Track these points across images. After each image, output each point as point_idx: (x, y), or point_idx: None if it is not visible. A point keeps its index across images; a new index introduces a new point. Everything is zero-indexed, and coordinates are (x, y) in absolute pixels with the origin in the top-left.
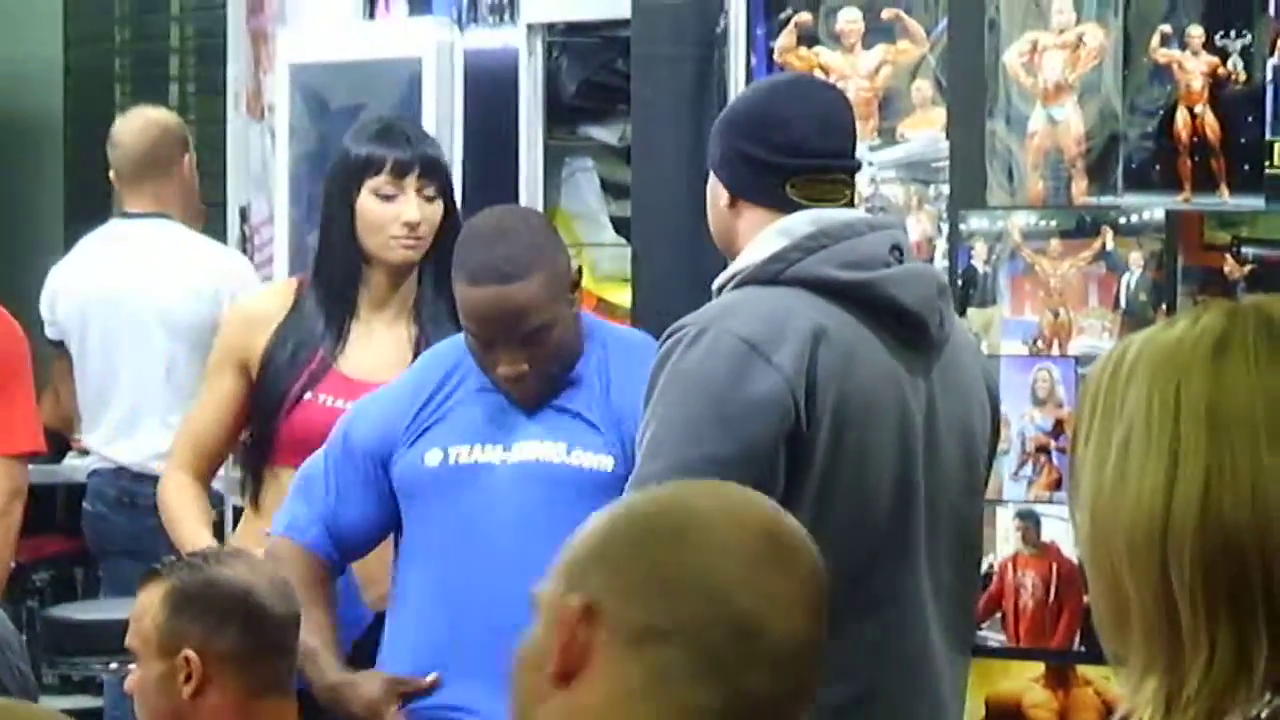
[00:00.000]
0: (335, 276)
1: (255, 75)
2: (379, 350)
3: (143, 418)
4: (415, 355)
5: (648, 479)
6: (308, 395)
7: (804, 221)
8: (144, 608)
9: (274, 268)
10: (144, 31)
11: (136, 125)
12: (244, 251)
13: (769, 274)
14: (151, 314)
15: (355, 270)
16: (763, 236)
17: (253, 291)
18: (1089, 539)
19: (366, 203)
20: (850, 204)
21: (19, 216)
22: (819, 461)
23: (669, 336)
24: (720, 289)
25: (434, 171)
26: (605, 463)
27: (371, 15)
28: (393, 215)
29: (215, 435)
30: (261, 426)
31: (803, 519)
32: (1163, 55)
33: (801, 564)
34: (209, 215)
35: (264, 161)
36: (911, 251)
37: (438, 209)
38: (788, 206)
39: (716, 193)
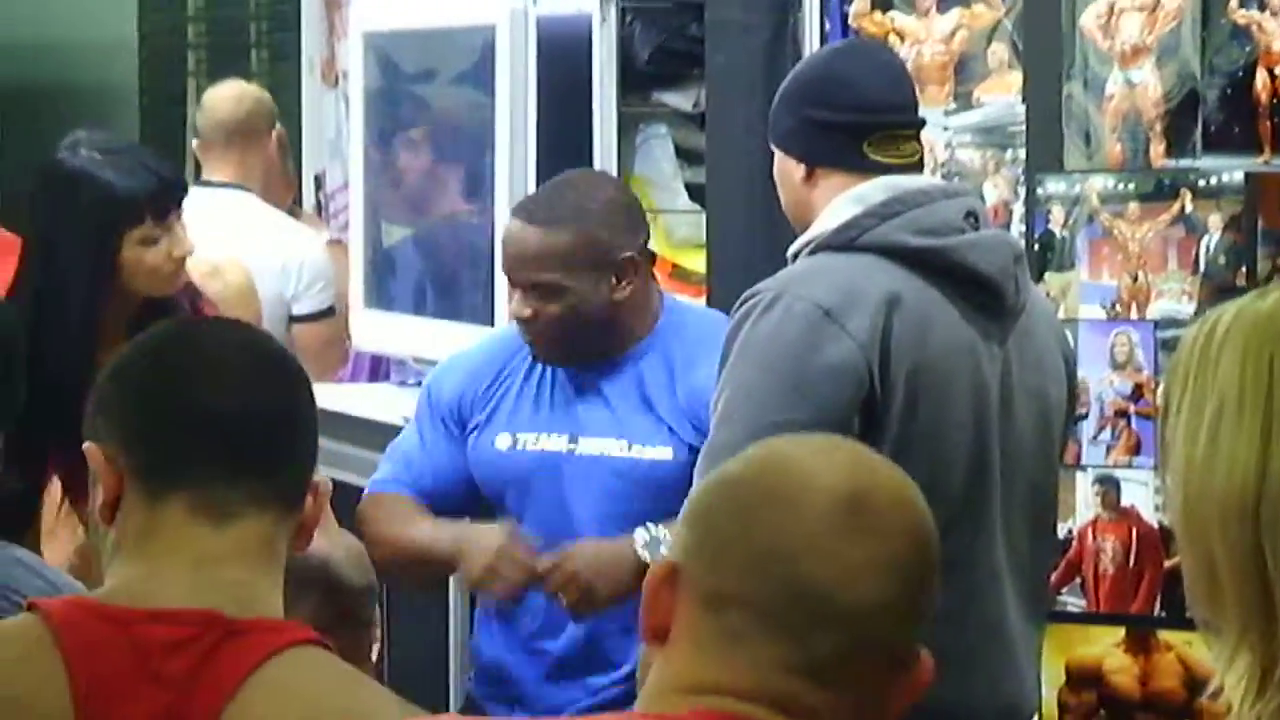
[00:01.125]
0: (72, 318)
1: (329, 42)
2: None
3: None
4: None
5: (721, 446)
6: None
7: (878, 188)
8: None
9: (349, 234)
10: (219, 0)
11: (230, 93)
12: (319, 218)
13: (843, 240)
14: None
15: (99, 308)
16: (836, 203)
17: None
18: (1181, 510)
19: (134, 254)
20: (922, 161)
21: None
22: (893, 429)
23: (743, 303)
24: (795, 256)
25: (183, 191)
26: (664, 453)
27: None
28: (164, 256)
29: None
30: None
31: None
32: (1241, 16)
33: (880, 527)
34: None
35: (338, 128)
36: (987, 218)
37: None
38: (867, 166)
39: (787, 169)
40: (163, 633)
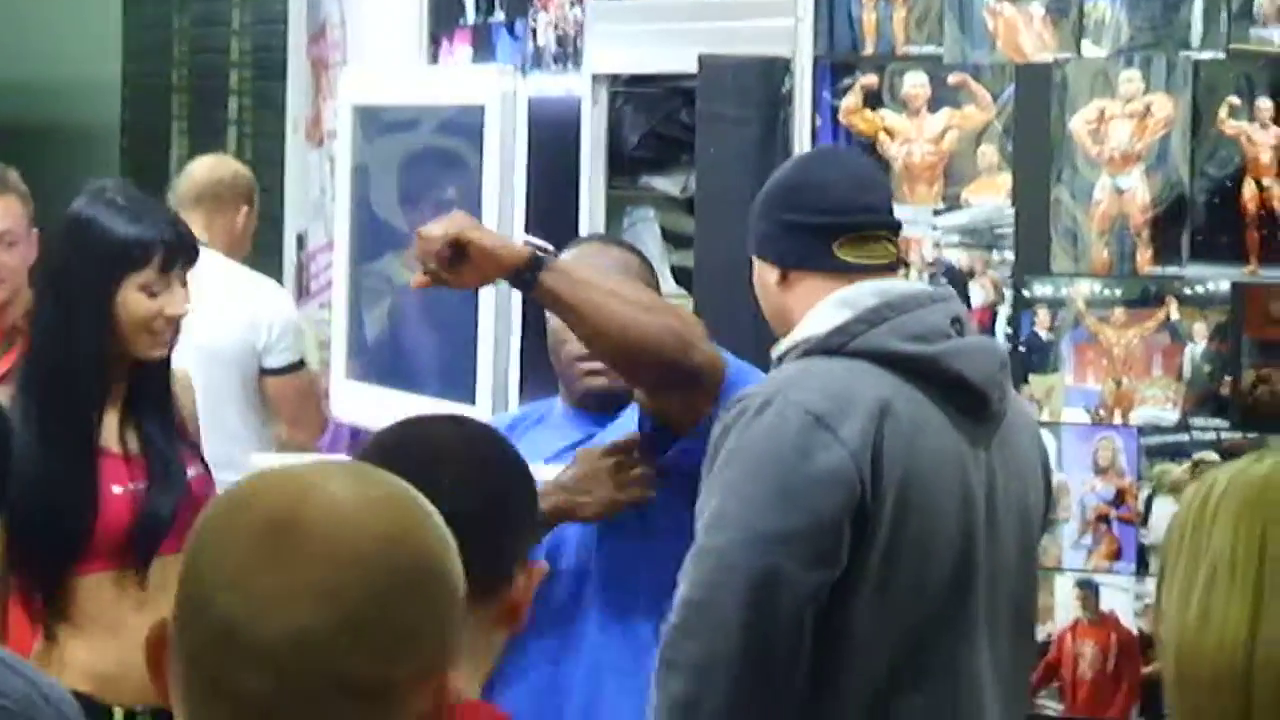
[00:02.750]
0: (82, 372)
1: (315, 102)
2: (113, 432)
3: None
4: (137, 436)
5: (710, 552)
6: (116, 489)
7: (866, 293)
8: None
9: (329, 295)
10: (203, 45)
11: (210, 162)
12: (299, 279)
13: (833, 345)
14: (186, 339)
15: (102, 363)
16: (823, 307)
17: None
18: (1173, 679)
19: (131, 298)
20: (896, 262)
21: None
22: (882, 535)
23: (733, 406)
24: (780, 358)
25: (195, 255)
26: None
27: (435, 58)
28: (157, 310)
29: None
30: (58, 535)
31: (864, 591)
32: (1230, 126)
33: (304, 553)
34: (266, 237)
35: (322, 187)
36: (970, 324)
37: (188, 291)
38: (839, 268)
39: (764, 275)
40: None
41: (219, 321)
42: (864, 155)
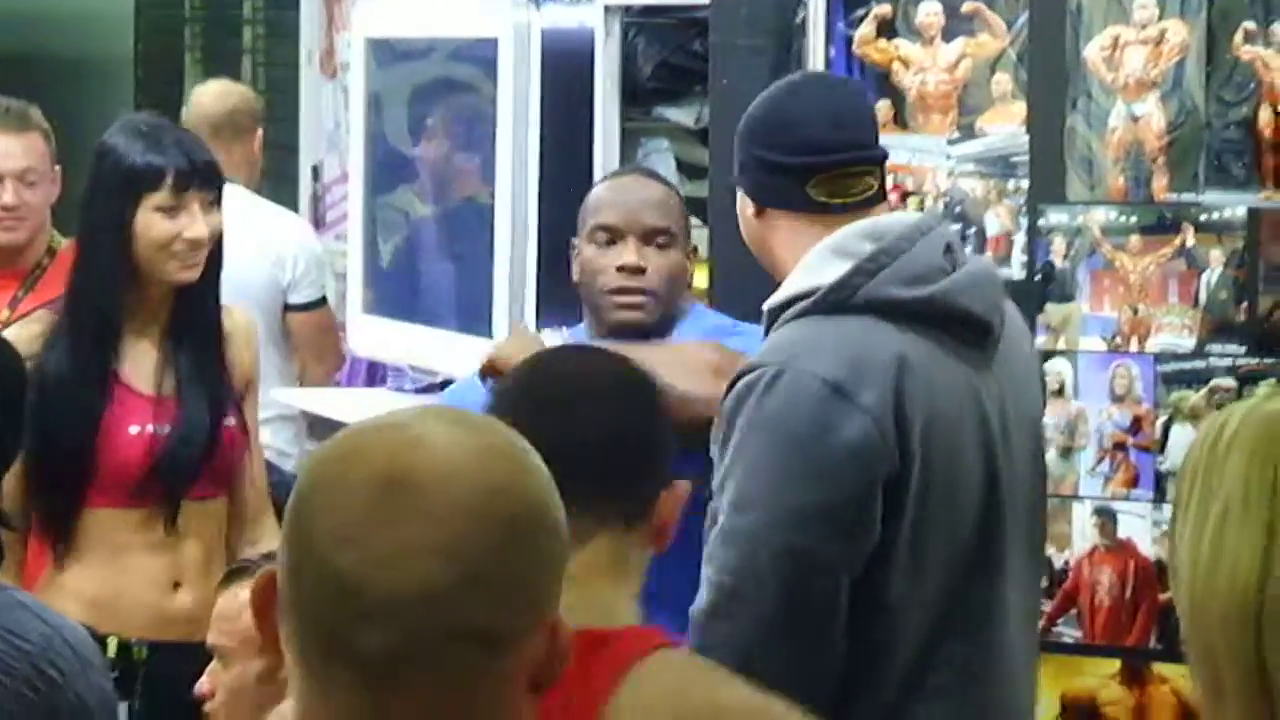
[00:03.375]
0: (101, 297)
1: (328, 34)
2: (148, 373)
3: None
4: (174, 380)
5: (738, 533)
6: (133, 429)
7: (854, 236)
8: (237, 607)
9: (346, 226)
10: None
11: (215, 90)
12: (314, 210)
13: (834, 301)
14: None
15: (121, 289)
16: (816, 257)
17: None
18: (1186, 613)
19: (147, 219)
20: (877, 195)
21: (89, 159)
22: (913, 498)
23: (742, 376)
24: (774, 311)
25: (214, 180)
26: None
27: None
28: (175, 232)
29: None
30: (64, 466)
31: (900, 555)
32: (1246, 52)
33: (421, 508)
34: (280, 168)
35: (336, 120)
36: (961, 248)
37: (219, 219)
38: (813, 208)
39: (743, 204)
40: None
41: (244, 257)
42: (848, 84)
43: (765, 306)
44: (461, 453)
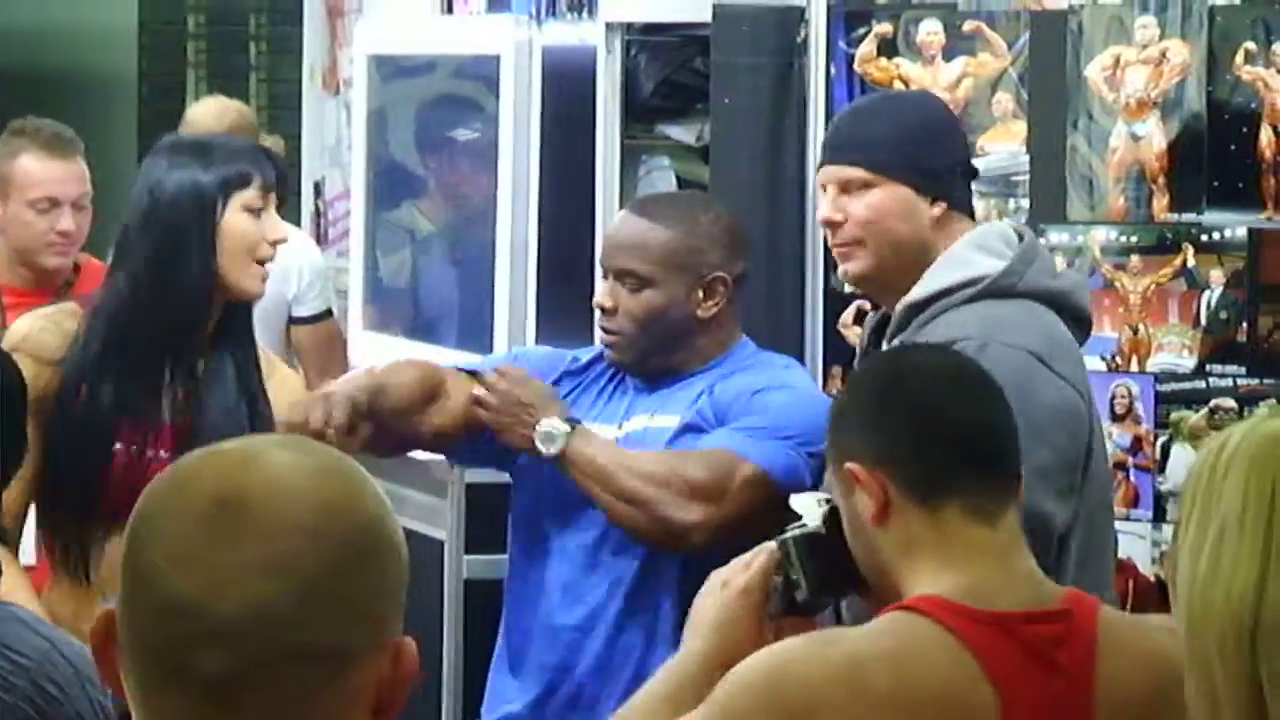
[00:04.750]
0: (182, 310)
1: (331, 50)
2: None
3: None
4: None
5: None
6: (134, 449)
7: (992, 236)
8: None
9: (348, 243)
10: None
11: (213, 108)
12: (317, 226)
13: (1003, 288)
14: None
15: (207, 303)
16: (962, 253)
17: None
18: (1185, 628)
19: (235, 220)
20: None
21: (92, 174)
22: (1094, 466)
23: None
24: (919, 304)
25: (284, 183)
26: (670, 421)
27: (449, 8)
28: (260, 233)
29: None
30: (82, 487)
31: (1080, 524)
32: (1247, 72)
33: (254, 527)
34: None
35: (339, 136)
36: None
37: (284, 229)
38: (971, 213)
39: (916, 208)
40: (1044, 631)
41: None
42: None
43: (910, 300)
44: (294, 472)
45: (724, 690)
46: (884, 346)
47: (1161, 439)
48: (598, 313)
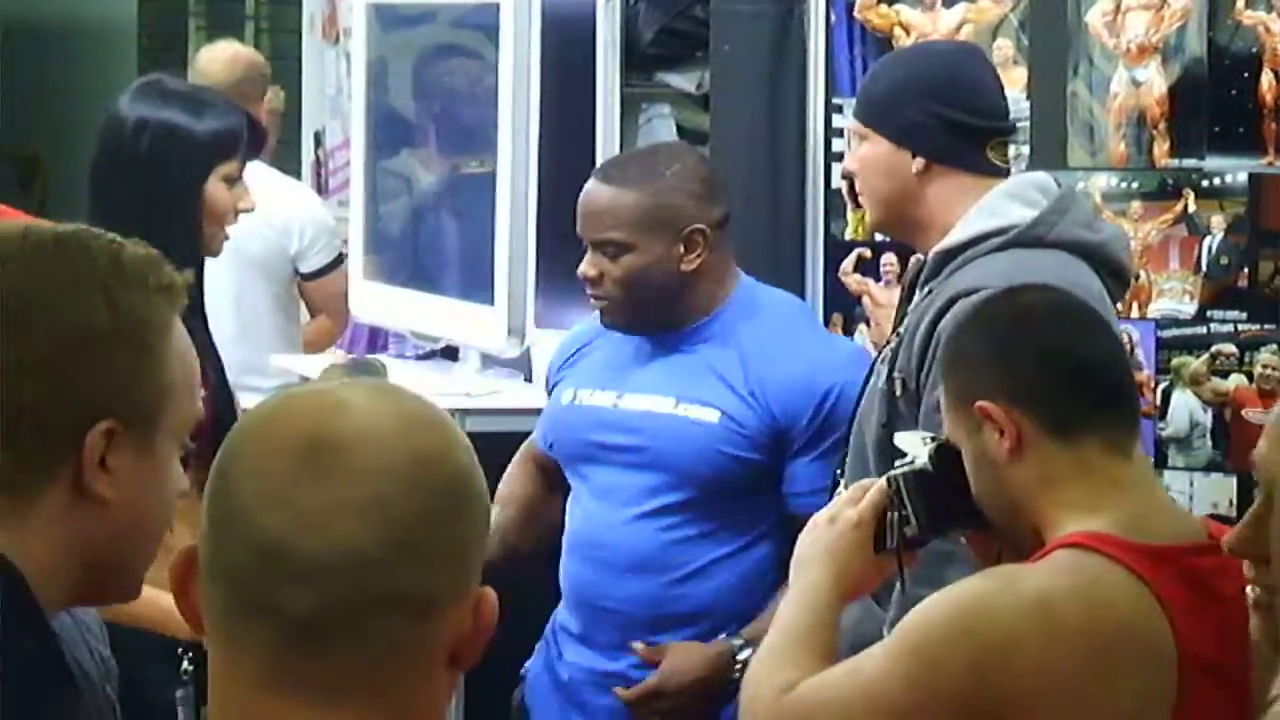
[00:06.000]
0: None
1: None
2: None
3: None
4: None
5: None
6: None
7: (1028, 186)
8: None
9: (349, 192)
10: None
11: (224, 55)
12: (317, 176)
13: (1035, 237)
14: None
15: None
16: (996, 201)
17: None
18: None
19: (215, 191)
20: None
21: (93, 126)
22: None
23: (955, 300)
24: (950, 252)
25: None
26: (709, 415)
27: None
28: (232, 204)
29: None
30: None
31: None
32: (1248, 17)
33: (345, 468)
34: (281, 133)
35: (339, 85)
36: None
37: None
38: (984, 169)
39: (898, 161)
40: (1208, 563)
41: (249, 225)
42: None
43: (942, 246)
44: (387, 419)
45: (911, 632)
46: (917, 293)
47: (1162, 385)
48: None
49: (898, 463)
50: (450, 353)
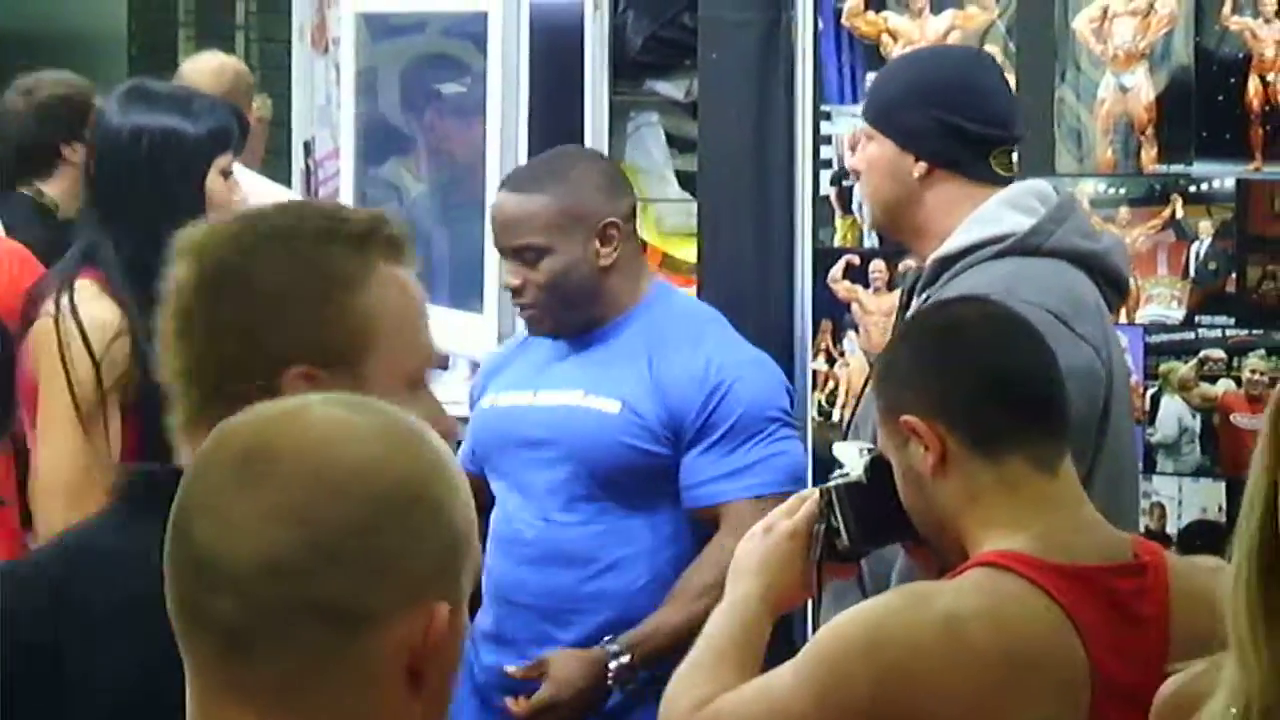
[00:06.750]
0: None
1: (320, 9)
2: None
3: None
4: None
5: None
6: None
7: (1026, 194)
8: None
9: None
10: None
11: (210, 66)
12: (307, 185)
13: (1033, 245)
14: None
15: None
16: (994, 209)
17: None
18: None
19: (214, 184)
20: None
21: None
22: (1110, 432)
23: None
24: (948, 259)
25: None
26: (611, 406)
27: None
28: (228, 194)
29: None
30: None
31: (1095, 481)
32: (1235, 22)
33: (273, 476)
34: (271, 143)
35: (328, 95)
36: None
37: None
38: (985, 177)
39: (901, 164)
40: (1129, 584)
41: None
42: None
43: (939, 254)
44: (335, 427)
45: (821, 647)
46: (915, 299)
47: (1151, 390)
48: (509, 294)
49: (834, 474)
50: (439, 361)
